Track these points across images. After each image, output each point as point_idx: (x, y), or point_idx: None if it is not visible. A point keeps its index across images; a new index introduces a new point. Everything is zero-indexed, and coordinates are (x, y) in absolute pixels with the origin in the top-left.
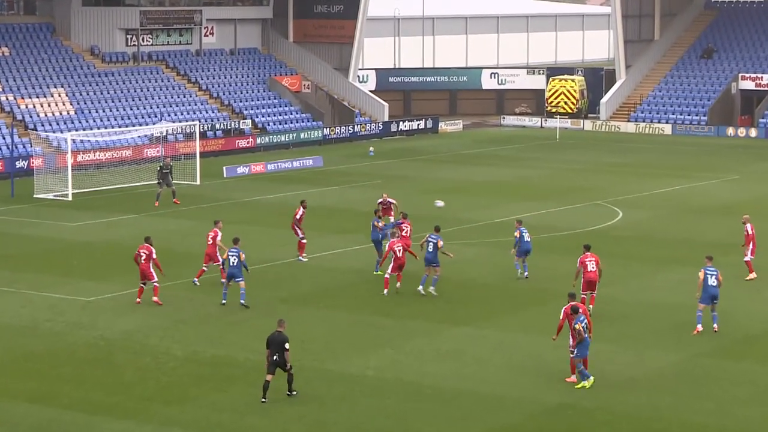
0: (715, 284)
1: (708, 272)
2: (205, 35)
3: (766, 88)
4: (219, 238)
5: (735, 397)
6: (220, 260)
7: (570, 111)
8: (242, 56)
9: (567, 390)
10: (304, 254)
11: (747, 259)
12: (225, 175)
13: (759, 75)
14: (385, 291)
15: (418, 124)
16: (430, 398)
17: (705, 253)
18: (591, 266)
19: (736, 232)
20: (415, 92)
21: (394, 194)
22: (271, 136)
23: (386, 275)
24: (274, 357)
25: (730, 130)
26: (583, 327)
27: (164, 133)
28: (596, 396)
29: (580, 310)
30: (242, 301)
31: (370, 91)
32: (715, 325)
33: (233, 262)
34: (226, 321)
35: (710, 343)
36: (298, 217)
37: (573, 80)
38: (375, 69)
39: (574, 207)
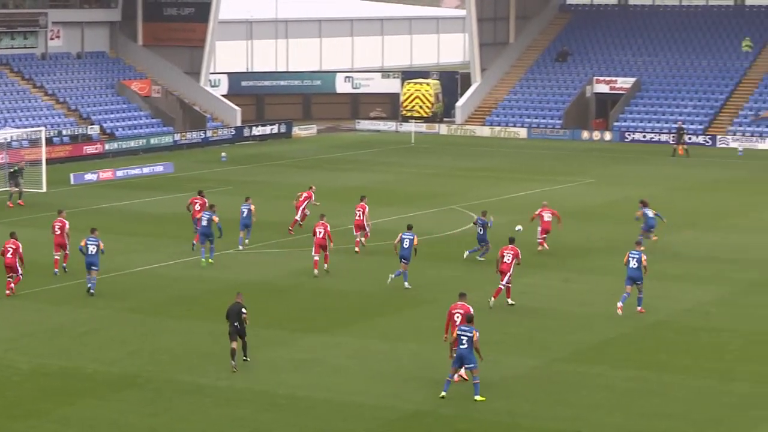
0: (636, 266)
1: (631, 255)
2: (51, 38)
3: (620, 91)
4: (67, 227)
5: (591, 403)
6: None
7: (425, 115)
8: (90, 60)
9: (425, 397)
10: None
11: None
12: (72, 182)
13: (613, 78)
14: (315, 271)
15: (271, 129)
16: (284, 408)
17: (563, 257)
18: (507, 257)
19: (594, 236)
20: (269, 96)
21: (240, 201)
22: (120, 142)
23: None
24: (235, 324)
25: (585, 134)
26: (458, 335)
27: (8, 140)
28: (455, 404)
29: (452, 312)
30: (92, 291)
31: (222, 96)
32: (639, 308)
33: (92, 251)
34: (75, 332)
35: (567, 348)
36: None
37: (428, 84)
38: (227, 73)
39: (429, 212)
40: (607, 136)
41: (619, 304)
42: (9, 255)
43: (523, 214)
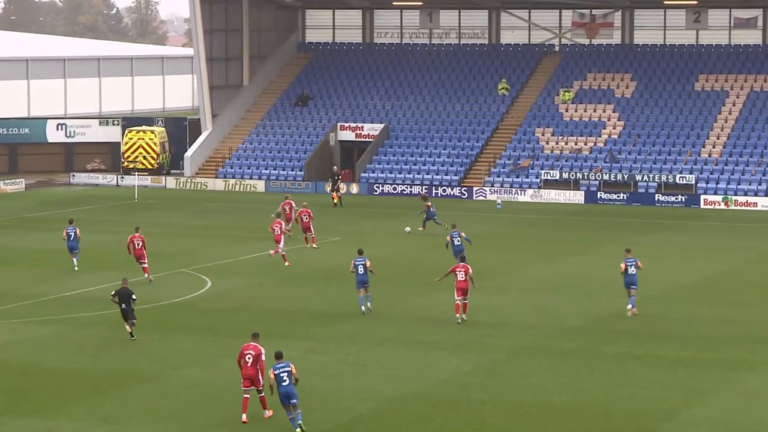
0: (634, 272)
1: (628, 263)
2: None
3: (367, 139)
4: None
5: None
6: None
7: (150, 167)
8: None
9: None
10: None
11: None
12: None
13: (359, 124)
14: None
15: None
16: None
17: (308, 325)
18: (460, 275)
19: (341, 300)
20: None
21: None
22: None
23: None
24: (122, 306)
25: (329, 187)
26: (276, 374)
27: None
28: None
29: (245, 353)
30: None
31: None
32: (630, 306)
33: None
34: None
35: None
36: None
37: (152, 132)
38: None
39: (155, 276)
40: (354, 188)
41: (629, 306)
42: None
43: (262, 277)
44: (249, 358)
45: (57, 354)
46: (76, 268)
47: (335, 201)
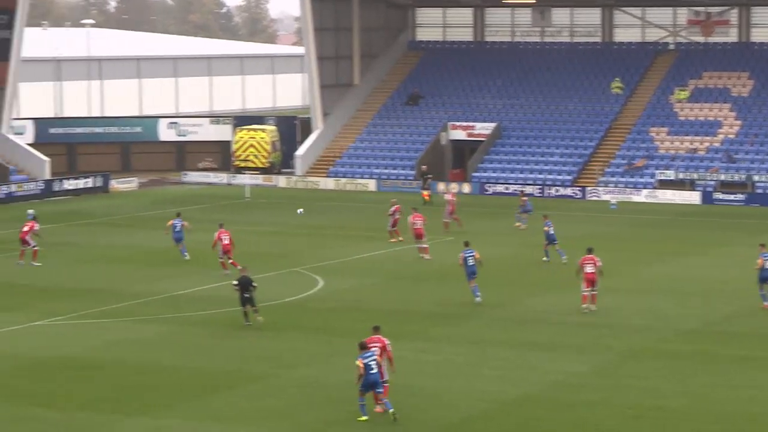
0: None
1: (765, 257)
2: None
3: (479, 138)
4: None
5: None
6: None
7: (261, 166)
8: None
9: None
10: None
11: None
12: None
13: (471, 124)
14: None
15: (85, 182)
16: None
17: (421, 323)
18: (589, 268)
19: (453, 300)
20: (82, 145)
21: (55, 264)
22: None
23: None
24: (245, 294)
25: (441, 186)
26: (365, 363)
27: None
28: None
29: (370, 347)
30: None
31: (28, 145)
32: (766, 303)
33: None
34: None
35: (424, 428)
36: (27, 229)
37: (263, 131)
38: (33, 118)
39: (266, 275)
40: (466, 188)
41: (765, 303)
42: (226, 241)
43: (374, 276)
44: (375, 350)
45: (169, 352)
46: (187, 257)
47: (426, 199)
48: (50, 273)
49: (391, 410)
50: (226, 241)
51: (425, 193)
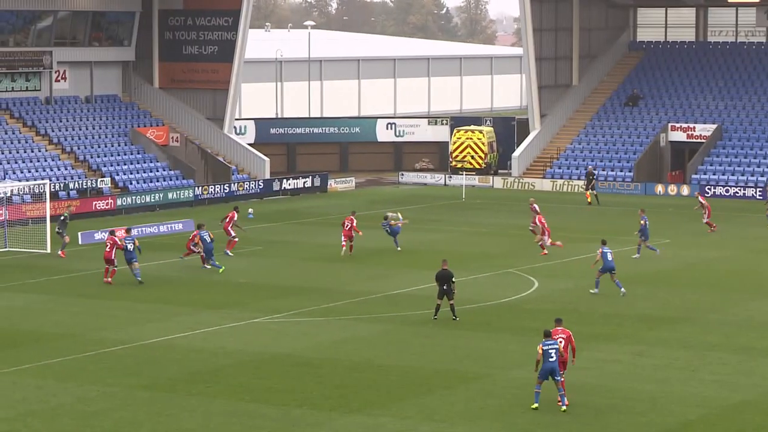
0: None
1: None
2: (56, 80)
3: (698, 140)
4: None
5: None
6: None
7: (477, 166)
8: (100, 105)
9: None
10: (231, 251)
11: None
12: (80, 242)
13: (691, 125)
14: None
15: (304, 182)
16: None
17: (636, 328)
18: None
19: (670, 303)
20: (301, 145)
21: (275, 262)
22: (134, 197)
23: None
24: (443, 287)
25: (660, 188)
26: (545, 350)
27: (8, 194)
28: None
29: (552, 335)
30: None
31: (249, 145)
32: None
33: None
34: (80, 411)
35: None
36: (227, 220)
37: (480, 131)
38: (254, 119)
39: (482, 276)
40: (685, 190)
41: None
42: (347, 228)
43: (588, 279)
44: (561, 342)
45: (384, 351)
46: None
47: (589, 200)
48: (269, 271)
49: (563, 408)
50: (348, 227)
51: (588, 193)
